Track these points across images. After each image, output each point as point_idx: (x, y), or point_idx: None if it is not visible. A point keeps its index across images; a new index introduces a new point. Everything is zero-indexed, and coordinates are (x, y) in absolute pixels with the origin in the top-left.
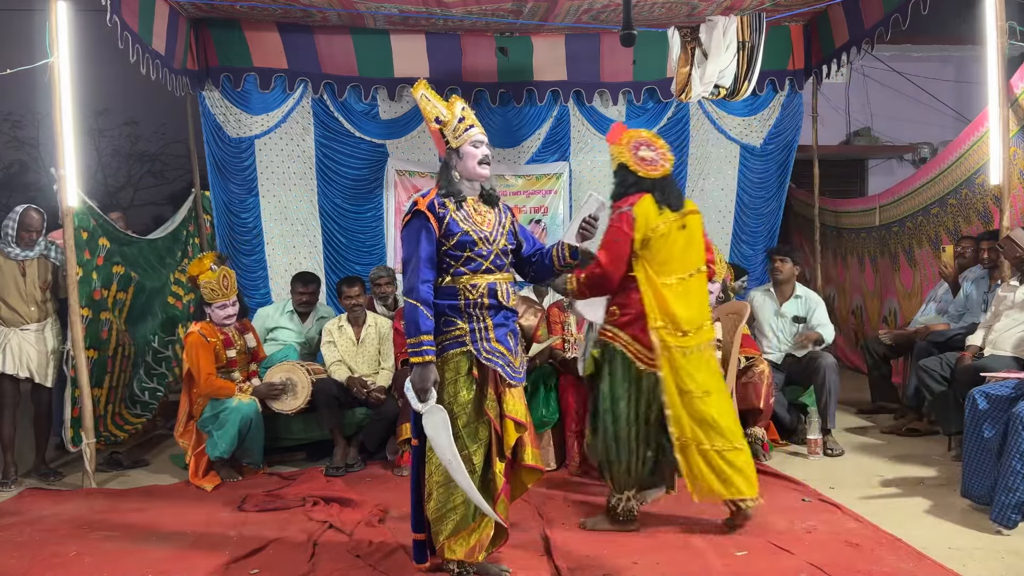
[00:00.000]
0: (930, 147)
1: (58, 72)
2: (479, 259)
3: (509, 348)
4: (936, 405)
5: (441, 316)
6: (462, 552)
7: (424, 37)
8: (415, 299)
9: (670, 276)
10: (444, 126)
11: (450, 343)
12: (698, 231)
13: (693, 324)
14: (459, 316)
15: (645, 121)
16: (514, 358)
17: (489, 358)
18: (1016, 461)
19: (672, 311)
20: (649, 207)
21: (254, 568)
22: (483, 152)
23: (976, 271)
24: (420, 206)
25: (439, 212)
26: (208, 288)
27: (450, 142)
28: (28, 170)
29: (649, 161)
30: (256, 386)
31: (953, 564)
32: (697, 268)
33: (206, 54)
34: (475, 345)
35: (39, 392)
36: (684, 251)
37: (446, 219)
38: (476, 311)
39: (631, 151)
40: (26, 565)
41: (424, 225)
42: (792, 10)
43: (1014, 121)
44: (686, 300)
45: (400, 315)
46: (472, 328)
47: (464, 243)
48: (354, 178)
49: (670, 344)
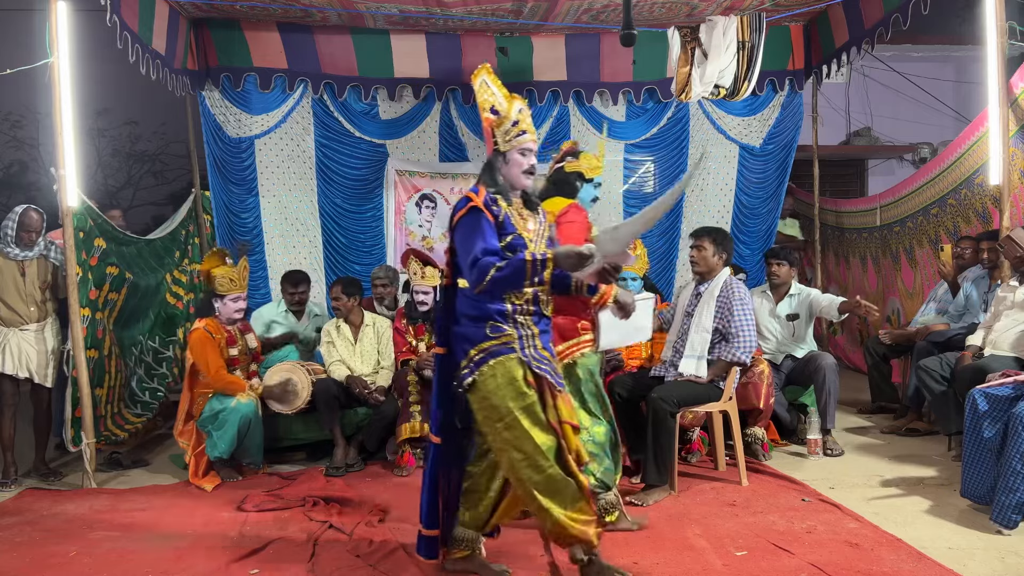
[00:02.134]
0: (930, 147)
1: (58, 72)
2: None
3: (553, 355)
4: (936, 405)
5: (488, 321)
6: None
7: (424, 37)
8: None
9: None
10: (498, 122)
11: (498, 348)
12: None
13: None
14: (507, 322)
15: (645, 121)
16: (557, 364)
17: (540, 366)
18: (1016, 461)
19: None
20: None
21: (254, 568)
22: (530, 162)
23: (976, 271)
24: (476, 202)
25: (493, 209)
26: (226, 279)
27: (499, 144)
28: (28, 170)
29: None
30: (268, 386)
31: (953, 564)
32: None
33: (206, 54)
34: (524, 352)
35: (39, 392)
36: None
37: (500, 217)
38: (523, 317)
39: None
40: (26, 565)
41: (485, 218)
42: (792, 10)
43: (1014, 121)
44: None
45: (400, 315)
46: (520, 335)
47: (515, 245)
48: (354, 178)
49: None
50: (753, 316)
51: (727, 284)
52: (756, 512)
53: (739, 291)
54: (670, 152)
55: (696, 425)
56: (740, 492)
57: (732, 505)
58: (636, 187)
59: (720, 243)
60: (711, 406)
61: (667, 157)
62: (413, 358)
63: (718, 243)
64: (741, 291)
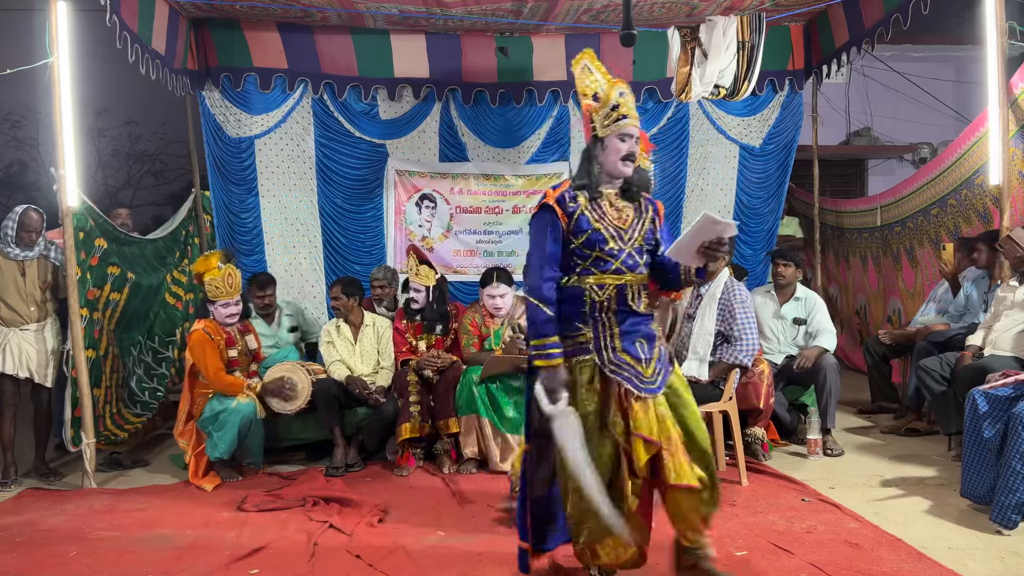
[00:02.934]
0: (930, 147)
1: (58, 72)
2: (609, 259)
3: (638, 357)
4: (936, 405)
5: (565, 319)
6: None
7: (424, 37)
8: (537, 298)
9: None
10: (597, 107)
11: (574, 349)
12: None
13: None
14: (583, 320)
15: (645, 121)
16: (645, 367)
17: (614, 370)
18: (1016, 461)
19: None
20: None
21: (254, 568)
22: (628, 147)
23: (975, 271)
24: (549, 199)
25: (569, 207)
26: (212, 286)
27: (597, 129)
28: (28, 170)
29: None
30: (265, 383)
31: (953, 564)
32: None
33: (206, 54)
34: (599, 354)
35: (39, 392)
36: None
37: (576, 214)
38: (602, 316)
39: None
40: (26, 565)
41: (551, 220)
42: (792, 10)
43: (1014, 121)
44: None
45: (400, 315)
46: (597, 335)
47: (593, 241)
48: (354, 178)
49: None
50: (755, 318)
51: (728, 286)
52: (756, 512)
53: (740, 293)
54: (670, 152)
55: None
56: (740, 492)
57: (732, 505)
58: None
59: None
60: (711, 406)
61: (667, 157)
62: (413, 358)
63: None
64: (742, 293)
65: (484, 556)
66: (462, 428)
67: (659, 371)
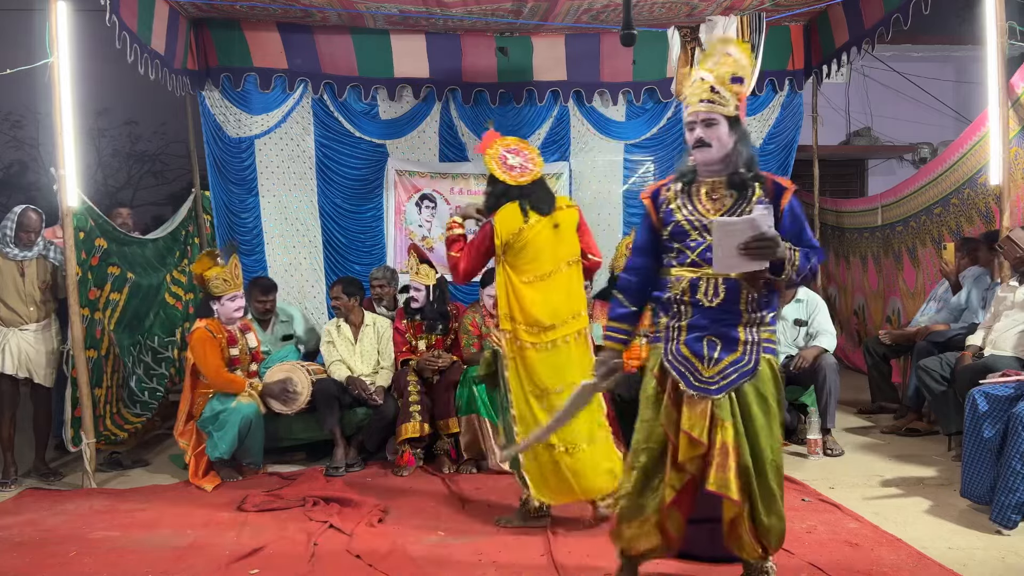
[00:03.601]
0: (930, 147)
1: (58, 72)
2: (687, 251)
3: (701, 355)
4: (936, 405)
5: (659, 306)
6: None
7: (424, 37)
8: (618, 284)
9: (531, 274)
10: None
11: (654, 336)
12: (569, 228)
13: (557, 318)
14: (665, 310)
15: (645, 121)
16: (705, 367)
17: (671, 361)
18: (1016, 461)
19: (530, 311)
20: (509, 217)
21: (254, 568)
22: (694, 136)
23: (976, 271)
24: (646, 192)
25: (660, 199)
26: (220, 280)
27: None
28: (28, 170)
29: (517, 168)
30: (266, 384)
31: (953, 564)
32: (567, 262)
33: (206, 54)
34: (665, 345)
35: (39, 392)
36: (554, 249)
37: (664, 206)
38: (677, 308)
39: (499, 160)
40: (26, 565)
41: (645, 212)
42: (792, 10)
43: (1015, 121)
44: (546, 296)
45: (401, 314)
46: (668, 325)
47: (675, 234)
48: (354, 178)
49: (524, 342)
50: None
51: None
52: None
53: None
54: (670, 152)
55: None
56: None
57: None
58: (636, 187)
59: None
60: None
61: (667, 157)
62: (413, 358)
63: None
64: None
65: (484, 556)
66: (462, 428)
67: (728, 374)
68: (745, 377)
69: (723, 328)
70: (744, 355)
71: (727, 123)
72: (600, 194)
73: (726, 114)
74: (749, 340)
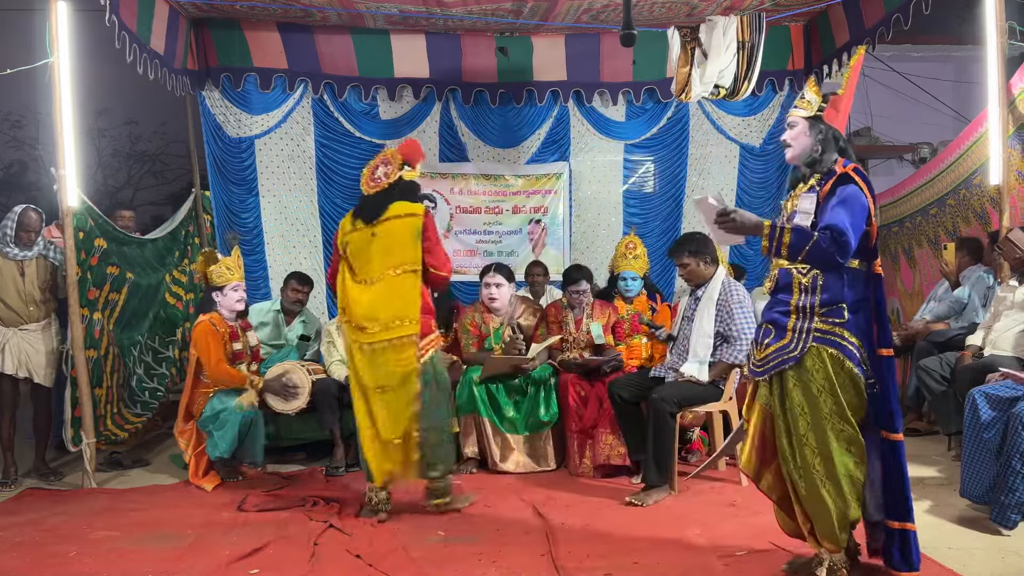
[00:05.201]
0: (930, 147)
1: (58, 72)
2: None
3: (757, 340)
4: (936, 405)
5: None
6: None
7: (424, 37)
8: None
9: (360, 276)
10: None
11: None
12: (399, 236)
13: (375, 322)
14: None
15: (645, 121)
16: (758, 350)
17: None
18: (1016, 461)
19: (353, 309)
20: (345, 221)
21: (254, 568)
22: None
23: (976, 271)
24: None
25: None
26: (222, 267)
27: None
28: (28, 170)
29: (375, 179)
30: (268, 380)
31: (953, 564)
32: (394, 269)
33: (206, 54)
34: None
35: (39, 392)
36: (381, 257)
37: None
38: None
39: (370, 170)
40: (26, 565)
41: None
42: (792, 10)
43: (1012, 121)
44: (369, 298)
45: None
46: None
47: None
48: (354, 178)
49: (356, 340)
50: (753, 318)
51: (725, 286)
52: (756, 512)
53: (737, 294)
54: (670, 152)
55: (696, 425)
56: (740, 492)
57: (732, 505)
58: (636, 187)
59: (699, 251)
60: (711, 406)
61: (667, 157)
62: None
63: (698, 252)
64: (740, 293)
65: (484, 556)
66: (462, 428)
67: (771, 358)
68: (787, 363)
69: (775, 315)
70: (791, 343)
71: (806, 124)
72: (600, 194)
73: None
74: (799, 328)
